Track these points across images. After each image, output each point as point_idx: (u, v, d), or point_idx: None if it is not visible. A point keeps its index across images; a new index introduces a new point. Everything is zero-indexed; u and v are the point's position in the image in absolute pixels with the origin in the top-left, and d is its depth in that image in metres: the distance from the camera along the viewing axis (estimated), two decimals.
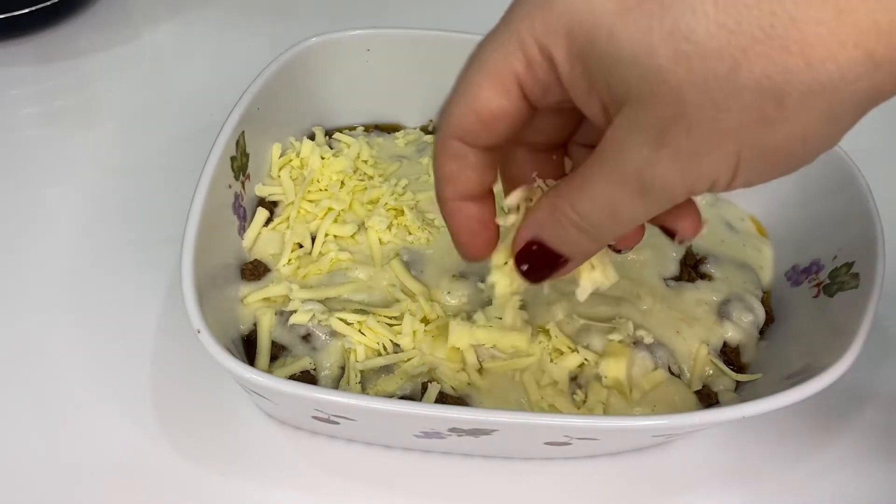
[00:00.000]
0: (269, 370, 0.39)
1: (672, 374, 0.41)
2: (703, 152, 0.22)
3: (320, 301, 0.41)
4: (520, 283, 0.31)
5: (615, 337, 0.40)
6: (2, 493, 0.38)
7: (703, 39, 0.21)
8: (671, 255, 0.45)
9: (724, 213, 0.49)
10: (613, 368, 0.39)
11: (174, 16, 0.66)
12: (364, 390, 0.39)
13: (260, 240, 0.44)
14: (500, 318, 0.40)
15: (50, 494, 0.38)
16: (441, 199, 0.30)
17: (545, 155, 0.31)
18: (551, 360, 0.40)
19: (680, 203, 0.25)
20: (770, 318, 0.44)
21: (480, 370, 0.40)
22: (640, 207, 0.25)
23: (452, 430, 0.35)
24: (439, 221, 0.45)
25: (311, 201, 0.45)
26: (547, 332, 0.40)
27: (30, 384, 0.42)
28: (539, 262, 0.29)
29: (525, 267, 0.29)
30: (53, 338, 0.44)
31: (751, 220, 0.49)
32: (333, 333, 0.40)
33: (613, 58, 0.22)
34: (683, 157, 0.23)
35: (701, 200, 0.48)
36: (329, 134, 0.50)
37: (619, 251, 0.32)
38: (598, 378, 0.40)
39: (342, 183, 0.46)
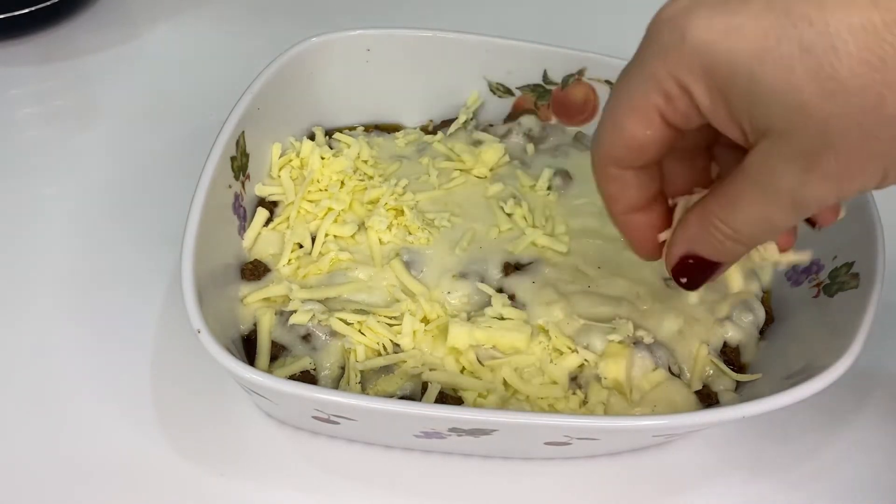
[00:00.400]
0: (269, 370, 0.39)
1: (672, 374, 0.41)
2: (852, 174, 0.25)
3: (320, 301, 0.41)
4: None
5: (615, 337, 0.40)
6: (2, 493, 0.38)
7: (847, 77, 0.23)
8: None
9: None
10: (613, 369, 0.39)
11: (174, 16, 0.66)
12: (364, 390, 0.39)
13: (260, 240, 0.44)
14: (501, 318, 0.40)
15: (50, 494, 0.38)
16: (611, 215, 0.33)
17: (690, 161, 0.33)
18: (551, 361, 0.40)
19: None
20: (770, 318, 0.44)
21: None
22: (794, 219, 0.28)
23: (452, 430, 0.35)
24: (439, 221, 0.45)
25: (311, 201, 0.45)
26: (547, 333, 0.40)
27: (29, 384, 0.42)
28: (696, 272, 0.32)
29: (683, 279, 0.32)
30: (53, 337, 0.44)
31: None
32: (333, 333, 0.40)
33: (755, 94, 0.25)
34: (833, 178, 0.25)
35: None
36: (329, 134, 0.50)
37: (813, 225, 0.34)
38: (598, 378, 0.40)
39: (342, 183, 0.46)
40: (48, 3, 0.60)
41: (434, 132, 0.51)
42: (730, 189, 0.28)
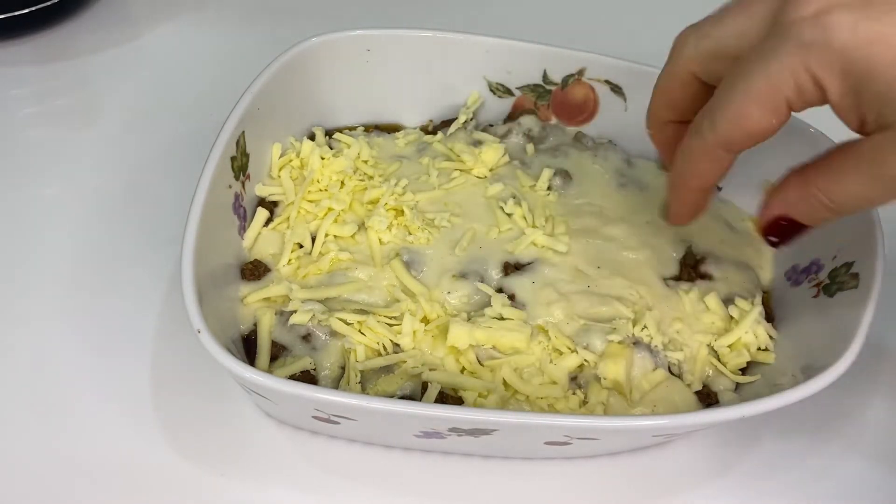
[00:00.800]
0: (269, 370, 0.39)
1: (672, 374, 0.41)
2: None
3: (320, 301, 0.41)
4: None
5: (615, 337, 0.40)
6: (2, 494, 0.38)
7: None
8: (671, 255, 0.45)
9: (723, 213, 0.49)
10: (612, 370, 0.39)
11: (174, 16, 0.66)
12: (364, 390, 0.39)
13: (260, 240, 0.44)
14: (501, 319, 0.40)
15: (50, 494, 0.38)
16: (686, 189, 0.36)
17: None
18: (551, 361, 0.40)
19: None
20: (770, 318, 0.44)
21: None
22: (890, 200, 0.30)
23: (452, 429, 0.35)
24: (439, 221, 0.45)
25: (311, 201, 0.45)
26: (546, 333, 0.40)
27: (29, 384, 0.42)
28: (787, 232, 0.34)
29: (774, 238, 0.35)
30: (53, 337, 0.44)
31: (750, 220, 0.49)
32: (333, 333, 0.40)
33: (889, 98, 0.27)
34: None
35: None
36: (329, 134, 0.50)
37: None
38: (598, 379, 0.40)
39: (342, 183, 0.46)
40: (48, 3, 0.60)
41: (434, 132, 0.51)
42: (836, 164, 0.31)
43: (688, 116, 0.35)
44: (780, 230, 0.34)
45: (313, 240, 0.44)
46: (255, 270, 0.43)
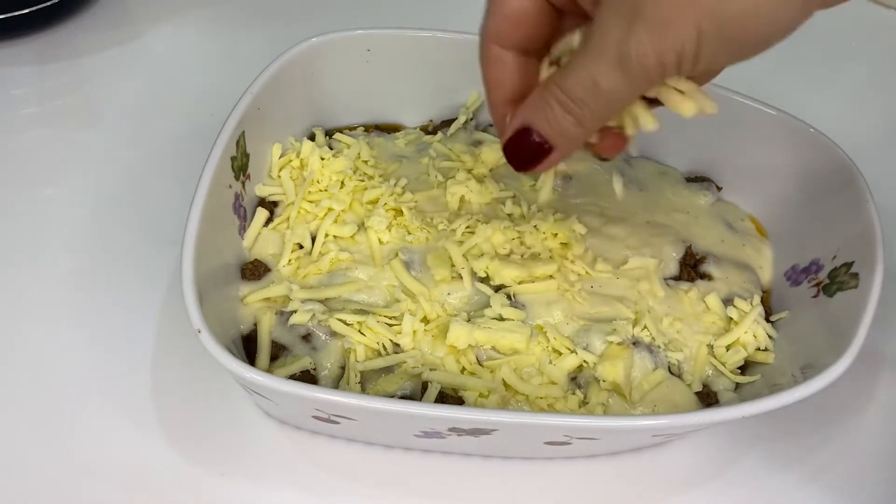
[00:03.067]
0: (270, 370, 0.39)
1: (672, 374, 0.41)
2: (669, 20, 0.26)
3: (320, 301, 0.41)
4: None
5: (614, 338, 0.40)
6: (3, 494, 0.38)
7: None
8: (671, 255, 0.45)
9: (723, 212, 0.49)
10: (611, 372, 0.39)
11: (174, 16, 0.66)
12: (364, 390, 0.39)
13: (260, 240, 0.44)
14: (500, 319, 0.40)
15: (50, 494, 0.38)
16: (491, 105, 0.33)
17: None
18: (550, 361, 0.40)
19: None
20: (769, 319, 0.44)
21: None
22: (618, 79, 0.28)
23: (452, 429, 0.35)
24: (438, 221, 0.45)
25: (311, 201, 0.45)
26: (546, 334, 0.40)
27: (30, 384, 0.42)
28: (526, 149, 0.31)
29: (514, 157, 0.32)
30: (54, 337, 0.44)
31: (750, 220, 0.49)
32: (333, 333, 0.40)
33: None
34: (652, 26, 0.26)
35: (702, 200, 0.48)
36: (329, 134, 0.50)
37: (605, 159, 0.34)
38: (598, 380, 0.40)
39: (342, 183, 0.46)
40: (48, 3, 0.60)
41: (434, 132, 0.51)
42: (573, 57, 0.29)
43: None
44: (521, 146, 0.31)
45: (313, 240, 0.44)
46: (255, 270, 0.43)
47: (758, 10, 0.25)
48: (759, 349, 0.42)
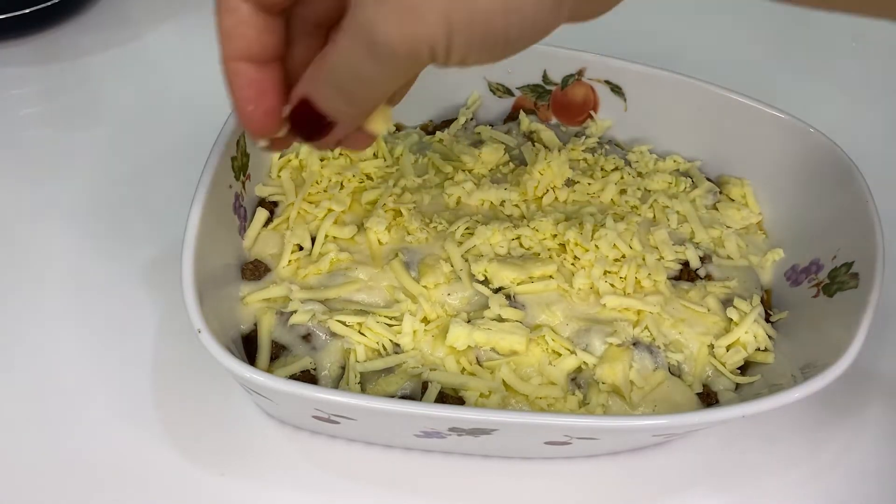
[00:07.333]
0: (270, 370, 0.39)
1: (672, 374, 0.41)
2: (414, 6, 0.24)
3: (320, 301, 0.41)
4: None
5: (614, 340, 0.40)
6: (3, 494, 0.38)
7: None
8: (671, 256, 0.45)
9: (724, 213, 0.49)
10: (611, 374, 0.39)
11: (174, 16, 0.66)
12: (364, 390, 0.39)
13: (260, 240, 0.44)
14: (500, 320, 0.40)
15: (50, 494, 0.38)
16: (221, 60, 0.30)
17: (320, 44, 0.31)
18: (550, 362, 0.40)
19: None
20: (769, 319, 0.44)
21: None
22: (373, 67, 0.26)
23: (452, 429, 0.35)
24: (437, 221, 0.45)
25: (310, 202, 0.45)
26: (544, 336, 0.40)
27: (30, 384, 0.42)
28: (307, 121, 0.30)
29: (297, 126, 0.30)
30: (54, 337, 0.44)
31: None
32: (333, 333, 0.40)
33: None
34: (399, 11, 0.24)
35: (702, 201, 0.48)
36: None
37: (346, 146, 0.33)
38: (598, 382, 0.40)
39: (342, 184, 0.46)
40: (48, 3, 0.60)
41: (434, 132, 0.51)
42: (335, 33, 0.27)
43: None
44: (303, 118, 0.30)
45: (313, 240, 0.44)
46: (255, 270, 0.43)
47: (507, 6, 0.24)
48: (759, 349, 0.42)
